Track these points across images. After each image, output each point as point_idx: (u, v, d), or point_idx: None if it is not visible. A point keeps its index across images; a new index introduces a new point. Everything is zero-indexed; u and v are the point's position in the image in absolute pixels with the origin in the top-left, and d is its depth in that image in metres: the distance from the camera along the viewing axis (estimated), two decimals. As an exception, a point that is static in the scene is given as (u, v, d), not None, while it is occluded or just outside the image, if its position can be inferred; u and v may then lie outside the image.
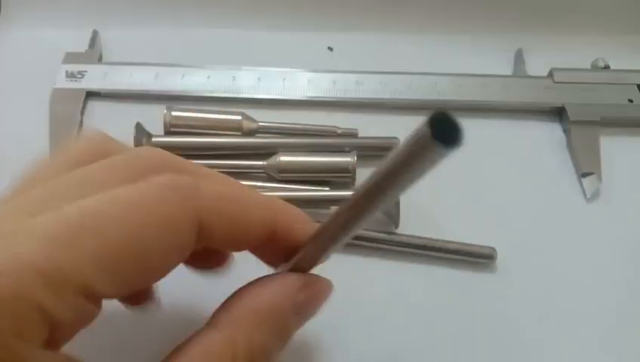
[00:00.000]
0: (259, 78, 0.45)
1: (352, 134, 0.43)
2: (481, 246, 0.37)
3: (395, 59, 0.47)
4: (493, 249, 0.37)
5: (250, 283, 0.25)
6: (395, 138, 0.42)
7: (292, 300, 0.24)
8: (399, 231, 0.38)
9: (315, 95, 0.45)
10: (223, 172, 0.39)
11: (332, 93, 0.45)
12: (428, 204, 0.40)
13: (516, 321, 0.36)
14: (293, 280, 0.25)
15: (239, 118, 0.41)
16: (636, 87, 0.45)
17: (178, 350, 0.22)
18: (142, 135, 0.40)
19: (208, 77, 0.45)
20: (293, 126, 0.42)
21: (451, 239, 0.38)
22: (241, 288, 0.25)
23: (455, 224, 0.39)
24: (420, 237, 0.38)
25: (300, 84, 0.45)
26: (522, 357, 0.35)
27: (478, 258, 0.37)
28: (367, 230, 0.37)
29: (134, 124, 0.40)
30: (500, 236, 0.38)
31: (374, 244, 0.38)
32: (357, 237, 0.37)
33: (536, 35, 0.49)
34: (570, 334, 0.35)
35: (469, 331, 0.35)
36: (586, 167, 0.42)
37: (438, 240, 0.38)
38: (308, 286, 0.25)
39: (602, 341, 0.35)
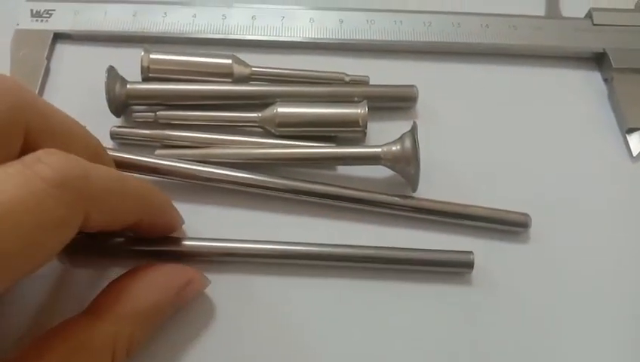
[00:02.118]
0: (253, 17, 0.39)
1: (363, 82, 0.37)
2: (513, 213, 0.32)
3: (411, -2, 0.41)
4: (527, 215, 0.32)
5: (133, 275, 0.27)
6: (412, 86, 0.36)
7: (173, 300, 0.27)
8: (418, 194, 0.33)
9: (318, 36, 0.38)
10: (212, 125, 0.34)
11: (339, 34, 0.39)
12: (451, 161, 0.35)
13: (554, 298, 0.31)
14: (175, 279, 0.27)
15: (229, 61, 0.35)
16: (687, 29, 0.39)
17: (54, 334, 0.23)
18: (115, 81, 0.34)
19: (194, 15, 0.39)
20: (292, 72, 0.36)
21: (477, 204, 0.33)
22: (122, 278, 0.27)
23: (481, 185, 0.34)
24: (441, 202, 0.32)
25: (302, 23, 0.39)
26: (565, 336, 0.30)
27: (510, 226, 0.32)
28: (380, 193, 0.32)
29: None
30: (532, 201, 0.33)
31: (388, 210, 0.32)
32: (370, 202, 0.32)
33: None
34: (612, 312, 0.31)
35: (501, 311, 0.30)
36: (632, 121, 0.36)
37: (461, 205, 0.32)
38: (189, 284, 0.27)
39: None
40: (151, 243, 0.30)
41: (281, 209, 0.33)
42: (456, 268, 0.31)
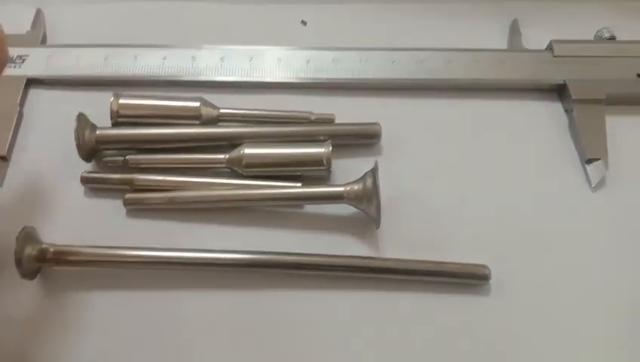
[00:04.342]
0: (222, 58, 0.40)
1: (328, 120, 0.38)
2: (473, 266, 0.33)
3: (377, 34, 0.42)
4: (487, 267, 0.33)
5: None
6: (376, 123, 0.37)
7: None
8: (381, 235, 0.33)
9: (286, 75, 0.39)
10: (181, 167, 0.35)
11: (305, 74, 0.40)
12: (415, 196, 0.36)
13: (516, 330, 0.32)
14: None
15: (197, 104, 0.36)
16: (645, 59, 0.40)
17: None
18: (84, 127, 0.34)
19: (164, 58, 0.40)
20: (259, 112, 0.37)
21: (440, 236, 0.34)
22: None
23: (444, 221, 0.35)
24: (398, 260, 0.33)
25: (269, 63, 0.40)
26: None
27: (470, 279, 0.33)
28: (342, 257, 0.33)
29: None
30: (494, 238, 0.34)
31: (349, 273, 0.33)
32: (331, 267, 0.32)
33: (534, 3, 0.44)
34: (578, 337, 0.32)
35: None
36: (591, 152, 0.37)
37: (419, 261, 0.33)
38: None
39: (612, 348, 0.31)
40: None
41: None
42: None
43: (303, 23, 0.43)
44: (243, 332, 0.31)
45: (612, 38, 0.42)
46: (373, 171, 0.33)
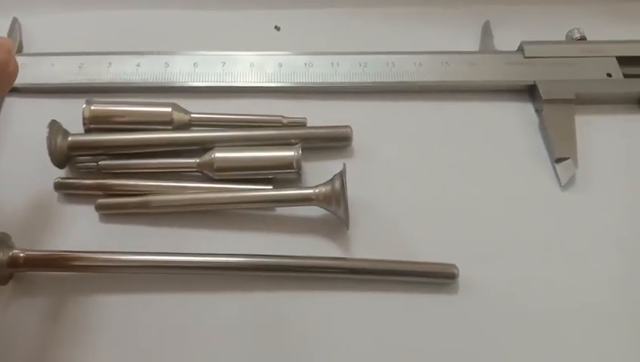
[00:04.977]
0: (195, 64, 0.40)
1: (300, 124, 0.38)
2: (441, 265, 0.33)
3: (348, 38, 0.43)
4: (454, 266, 0.33)
5: None
6: (346, 126, 0.38)
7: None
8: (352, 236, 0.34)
9: (258, 80, 0.40)
10: (153, 172, 0.36)
11: (277, 78, 0.40)
12: (385, 199, 0.36)
13: (484, 329, 0.32)
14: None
15: (169, 109, 0.37)
16: (615, 59, 0.41)
17: None
18: (56, 134, 0.35)
19: (138, 64, 0.40)
20: (231, 117, 0.38)
21: (410, 236, 0.34)
22: None
23: (414, 223, 0.35)
24: (367, 261, 0.33)
25: (242, 68, 0.40)
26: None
27: (438, 278, 0.33)
28: (310, 258, 0.33)
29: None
30: (465, 239, 0.35)
31: (320, 274, 0.33)
32: (300, 268, 0.33)
33: (505, 4, 0.44)
34: (546, 336, 0.32)
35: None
36: (561, 151, 0.38)
37: (388, 261, 0.33)
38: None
39: (580, 347, 0.32)
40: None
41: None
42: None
43: (277, 28, 0.43)
44: (210, 334, 0.32)
45: (582, 39, 0.42)
46: (341, 174, 0.33)
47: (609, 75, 0.40)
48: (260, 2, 0.44)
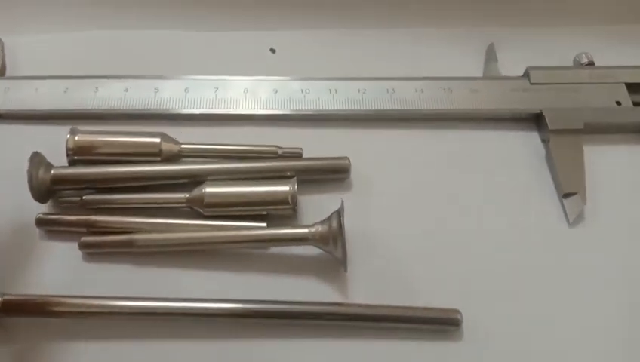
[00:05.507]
0: (186, 89, 0.38)
1: (296, 154, 0.36)
2: (444, 310, 0.31)
3: (347, 61, 0.41)
4: (458, 312, 0.31)
5: None
6: (344, 158, 0.36)
7: None
8: (348, 294, 0.32)
9: (252, 107, 0.38)
10: (137, 208, 0.34)
11: (272, 105, 0.38)
12: (385, 235, 0.34)
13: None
14: None
15: (157, 139, 0.35)
16: (624, 86, 0.39)
17: None
18: (37, 167, 0.33)
19: (126, 89, 0.38)
20: (223, 147, 0.36)
21: (411, 277, 0.33)
22: None
23: (416, 263, 0.34)
24: (367, 306, 0.31)
25: (235, 94, 0.39)
26: None
27: (441, 325, 0.31)
28: (303, 304, 0.31)
29: (39, 151, 0.34)
30: (467, 273, 0.33)
31: (315, 321, 0.31)
32: (294, 314, 0.31)
33: (510, 27, 0.43)
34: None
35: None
36: (569, 186, 0.36)
37: (389, 307, 0.31)
38: None
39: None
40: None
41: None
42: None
43: (272, 50, 0.42)
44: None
45: (591, 64, 0.41)
46: (339, 212, 0.31)
47: (618, 102, 0.39)
48: (255, 23, 0.42)
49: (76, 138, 0.34)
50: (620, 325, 0.32)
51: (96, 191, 0.34)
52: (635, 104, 0.39)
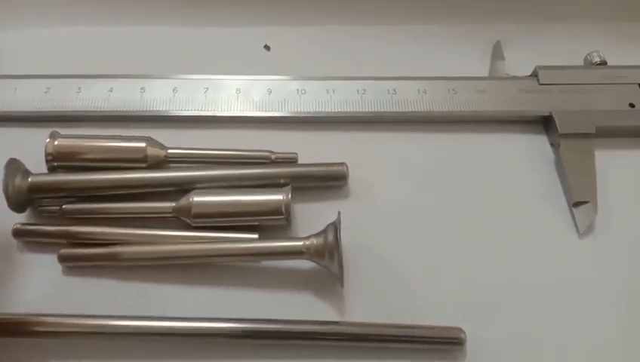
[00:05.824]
0: (174, 89, 0.36)
1: (290, 160, 0.34)
2: (447, 329, 0.29)
3: (345, 61, 0.39)
4: (462, 331, 0.29)
5: None
6: (342, 164, 0.34)
7: None
8: (345, 311, 0.30)
9: (244, 108, 0.36)
10: (120, 218, 0.32)
11: (266, 106, 0.36)
12: (384, 245, 0.32)
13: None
14: None
15: (143, 144, 0.33)
16: (638, 87, 0.37)
17: None
18: (14, 175, 0.31)
19: (111, 90, 0.36)
20: (212, 152, 0.34)
21: (412, 293, 0.31)
22: None
23: (416, 275, 0.32)
24: (367, 325, 0.29)
25: (227, 94, 0.37)
26: None
27: (444, 344, 0.29)
28: (298, 323, 0.29)
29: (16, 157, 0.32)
30: (471, 288, 0.31)
31: (310, 341, 0.29)
32: (289, 335, 0.29)
33: (518, 24, 0.41)
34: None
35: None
36: (579, 194, 0.34)
37: (388, 326, 0.29)
38: None
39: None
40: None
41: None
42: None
43: (267, 47, 0.39)
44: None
45: (602, 63, 0.39)
46: (335, 224, 0.29)
47: (632, 105, 0.37)
48: (248, 18, 0.40)
49: (56, 143, 0.32)
50: (636, 344, 0.30)
51: (77, 200, 0.32)
52: (649, 106, 0.37)
